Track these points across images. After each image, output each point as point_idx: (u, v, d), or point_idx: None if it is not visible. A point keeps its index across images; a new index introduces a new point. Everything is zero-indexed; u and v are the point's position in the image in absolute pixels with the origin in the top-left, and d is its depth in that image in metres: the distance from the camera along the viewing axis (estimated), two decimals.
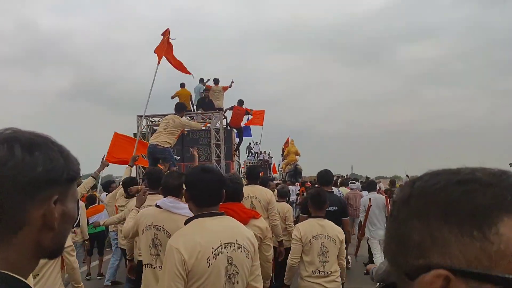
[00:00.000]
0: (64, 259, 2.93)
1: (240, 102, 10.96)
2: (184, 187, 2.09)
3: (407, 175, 13.51)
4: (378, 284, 3.04)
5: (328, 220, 3.30)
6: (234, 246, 1.79)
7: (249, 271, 1.85)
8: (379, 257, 5.54)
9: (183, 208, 2.77)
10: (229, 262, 1.77)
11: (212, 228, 1.80)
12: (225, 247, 1.77)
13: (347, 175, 23.81)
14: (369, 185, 7.10)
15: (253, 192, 4.12)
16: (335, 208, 4.03)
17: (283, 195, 5.93)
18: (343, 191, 9.79)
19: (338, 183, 11.86)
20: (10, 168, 0.63)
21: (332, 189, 4.59)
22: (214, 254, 1.73)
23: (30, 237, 0.66)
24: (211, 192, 1.86)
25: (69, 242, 2.83)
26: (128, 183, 4.88)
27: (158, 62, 7.74)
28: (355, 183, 9.41)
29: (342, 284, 3.36)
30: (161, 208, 2.78)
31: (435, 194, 0.50)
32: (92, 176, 4.46)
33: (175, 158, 6.29)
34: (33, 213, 0.65)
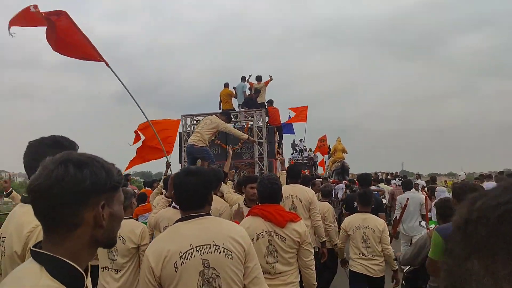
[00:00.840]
0: (140, 257, 3.06)
1: (270, 102, 10.93)
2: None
3: (464, 172, 12.59)
4: (406, 268, 3.31)
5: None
6: (210, 248, 1.70)
7: (238, 274, 1.73)
8: None
9: None
10: (205, 265, 1.69)
11: (184, 232, 1.75)
12: (197, 250, 1.69)
13: (396, 172, 22.81)
14: (404, 184, 7.41)
15: (294, 191, 4.02)
16: (373, 206, 4.40)
17: (326, 194, 5.74)
18: (385, 187, 9.99)
19: (384, 180, 11.60)
20: (66, 183, 0.88)
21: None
22: (182, 258, 1.68)
23: (86, 233, 0.92)
24: (193, 195, 1.79)
25: (146, 240, 2.99)
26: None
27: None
28: (402, 180, 9.76)
29: (395, 271, 3.92)
30: (177, 209, 2.81)
31: (505, 221, 0.33)
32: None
33: (213, 156, 6.28)
34: (86, 215, 0.91)
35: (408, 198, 5.76)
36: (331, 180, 14.52)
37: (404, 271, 3.65)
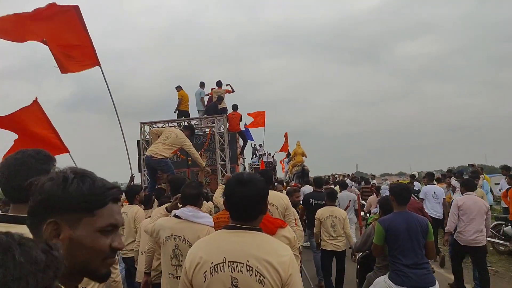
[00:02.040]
0: None
1: (234, 107, 10.95)
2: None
3: (417, 172, 13.32)
4: (359, 254, 4.94)
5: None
6: (242, 266, 1.56)
7: None
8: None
9: (202, 217, 2.76)
10: (233, 283, 1.56)
11: (222, 243, 1.65)
12: (228, 265, 1.58)
13: (349, 175, 23.61)
14: (341, 185, 9.26)
15: (268, 198, 3.90)
16: (323, 202, 6.10)
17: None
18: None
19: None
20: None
21: (322, 190, 6.90)
22: (212, 269, 1.60)
23: None
24: (246, 207, 1.67)
25: None
26: (132, 191, 4.76)
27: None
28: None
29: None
30: (180, 218, 2.76)
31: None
32: None
33: (172, 167, 6.08)
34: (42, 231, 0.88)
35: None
36: (293, 184, 14.74)
37: (357, 256, 4.99)
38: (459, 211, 5.17)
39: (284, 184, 13.37)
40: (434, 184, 8.39)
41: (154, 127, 9.76)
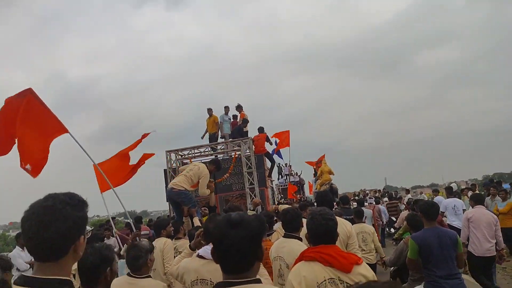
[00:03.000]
0: None
1: (261, 129, 10.80)
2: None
3: (455, 183, 12.63)
4: (392, 268, 5.23)
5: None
6: None
7: None
8: None
9: None
10: None
11: None
12: None
13: (380, 190, 22.78)
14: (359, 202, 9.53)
15: None
16: (351, 217, 5.87)
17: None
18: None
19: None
20: None
21: (350, 205, 7.08)
22: None
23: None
24: (236, 254, 1.38)
25: None
26: (159, 225, 4.66)
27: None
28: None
29: (382, 257, 5.73)
30: (205, 258, 2.43)
31: None
32: None
33: (195, 200, 5.83)
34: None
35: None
36: None
37: (390, 270, 5.28)
38: (469, 223, 5.40)
39: (315, 204, 12.89)
40: (455, 197, 8.58)
41: (179, 155, 9.75)
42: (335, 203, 12.74)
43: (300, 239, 3.12)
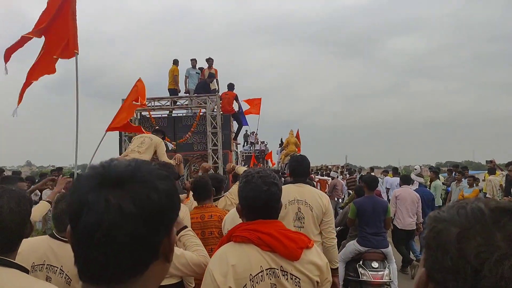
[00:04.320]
0: None
1: (230, 86, 9.78)
2: None
3: (419, 166, 12.72)
4: (337, 227, 5.32)
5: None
6: None
7: None
8: None
9: None
10: None
11: None
12: None
13: (342, 166, 23.05)
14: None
15: (301, 194, 2.82)
16: None
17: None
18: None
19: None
20: None
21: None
22: None
23: None
24: (106, 248, 0.68)
25: None
26: None
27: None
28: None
29: None
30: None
31: None
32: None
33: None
34: None
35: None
36: (286, 174, 13.96)
37: (337, 230, 5.28)
38: (397, 200, 6.20)
39: (286, 172, 12.59)
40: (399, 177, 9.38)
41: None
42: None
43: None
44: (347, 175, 14.23)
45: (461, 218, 0.60)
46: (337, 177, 12.98)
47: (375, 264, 4.45)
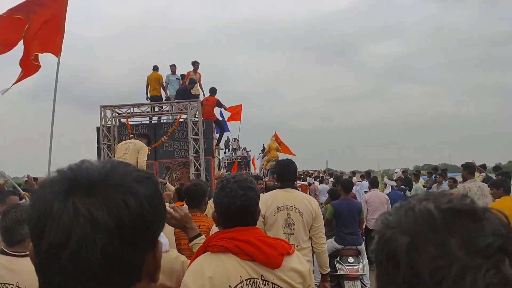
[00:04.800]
0: None
1: (212, 91, 9.61)
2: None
3: (399, 169, 13.00)
4: None
5: None
6: None
7: None
8: None
9: None
10: None
11: None
12: None
13: (323, 171, 23.23)
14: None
15: (290, 200, 2.76)
16: None
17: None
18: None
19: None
20: None
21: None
22: None
23: None
24: (76, 265, 0.61)
25: None
26: None
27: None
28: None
29: None
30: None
31: None
32: None
33: None
34: None
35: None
36: (267, 179, 13.98)
37: None
38: (367, 204, 6.71)
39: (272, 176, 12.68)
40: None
41: (116, 112, 8.52)
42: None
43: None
44: (329, 180, 14.42)
45: (409, 223, 0.52)
46: (313, 182, 13.50)
47: (351, 260, 4.98)
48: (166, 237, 2.14)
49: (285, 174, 2.92)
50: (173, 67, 9.95)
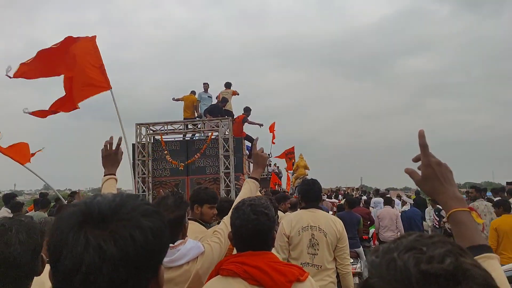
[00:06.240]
0: None
1: (245, 109, 9.97)
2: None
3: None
4: None
5: None
6: None
7: None
8: None
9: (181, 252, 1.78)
10: None
11: None
12: None
13: (357, 188, 22.67)
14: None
15: (314, 220, 2.77)
16: None
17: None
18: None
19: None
20: None
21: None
22: None
23: None
24: None
25: None
26: None
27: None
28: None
29: None
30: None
31: None
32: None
33: None
34: None
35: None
36: (294, 196, 13.90)
37: None
38: (379, 219, 7.83)
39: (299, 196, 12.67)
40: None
41: (151, 129, 8.85)
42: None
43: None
44: (362, 198, 14.17)
45: (389, 277, 0.52)
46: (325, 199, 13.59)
47: (350, 260, 5.63)
48: (199, 235, 2.19)
49: (309, 194, 2.93)
50: (205, 85, 10.28)
